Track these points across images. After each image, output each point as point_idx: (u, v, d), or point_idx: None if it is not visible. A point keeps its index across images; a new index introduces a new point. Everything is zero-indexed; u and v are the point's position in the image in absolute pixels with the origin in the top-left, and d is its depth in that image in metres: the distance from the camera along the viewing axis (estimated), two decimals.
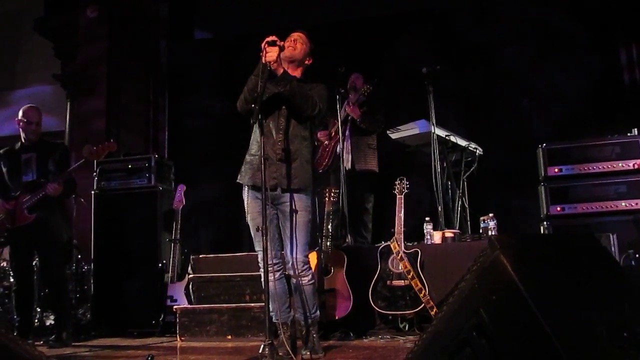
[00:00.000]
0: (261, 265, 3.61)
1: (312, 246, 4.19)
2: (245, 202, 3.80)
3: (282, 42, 3.67)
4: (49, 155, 5.20)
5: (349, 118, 5.90)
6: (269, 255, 3.59)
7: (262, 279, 3.50)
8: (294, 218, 3.73)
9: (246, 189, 3.81)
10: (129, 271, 5.85)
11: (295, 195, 3.74)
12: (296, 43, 3.83)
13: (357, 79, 6.04)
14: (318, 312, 3.92)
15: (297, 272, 3.76)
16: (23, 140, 5.27)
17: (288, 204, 3.74)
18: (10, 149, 5.31)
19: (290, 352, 3.59)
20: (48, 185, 4.95)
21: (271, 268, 3.67)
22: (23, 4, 9.33)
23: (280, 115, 3.75)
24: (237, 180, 3.86)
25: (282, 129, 3.73)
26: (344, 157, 5.75)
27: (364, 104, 5.96)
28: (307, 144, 3.83)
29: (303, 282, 3.79)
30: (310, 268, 3.87)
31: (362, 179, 6.04)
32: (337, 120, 5.78)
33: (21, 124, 5.22)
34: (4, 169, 5.22)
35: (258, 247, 3.70)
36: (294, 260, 3.75)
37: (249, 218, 3.78)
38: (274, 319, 3.76)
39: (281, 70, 3.60)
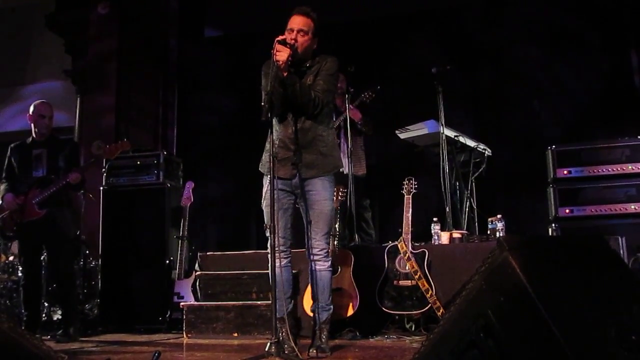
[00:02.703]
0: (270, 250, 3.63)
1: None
2: (264, 189, 3.80)
3: (293, 41, 3.65)
4: (60, 151, 5.21)
5: (342, 120, 5.82)
6: (279, 242, 3.60)
7: (269, 271, 3.51)
8: (317, 206, 3.76)
9: (267, 178, 3.77)
10: (136, 267, 5.87)
11: (318, 183, 3.76)
12: (297, 38, 3.71)
13: (342, 82, 5.91)
14: (332, 307, 3.91)
15: (316, 258, 3.78)
16: (34, 136, 5.29)
17: (312, 192, 3.76)
18: (22, 144, 5.33)
19: (295, 349, 3.59)
20: (70, 174, 4.97)
21: (278, 254, 3.67)
22: (34, 0, 9.37)
23: (292, 110, 3.75)
24: (259, 169, 3.88)
25: (295, 120, 3.74)
26: (342, 160, 5.73)
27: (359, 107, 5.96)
28: (323, 127, 3.81)
29: (321, 267, 3.80)
30: (329, 256, 3.87)
31: (358, 181, 6.02)
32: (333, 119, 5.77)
33: (33, 117, 5.24)
34: (15, 164, 5.25)
35: (268, 232, 3.70)
36: (315, 247, 3.77)
37: (264, 204, 3.76)
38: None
39: (285, 74, 3.58)
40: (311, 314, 4.15)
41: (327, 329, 3.84)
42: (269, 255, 3.50)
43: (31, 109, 5.27)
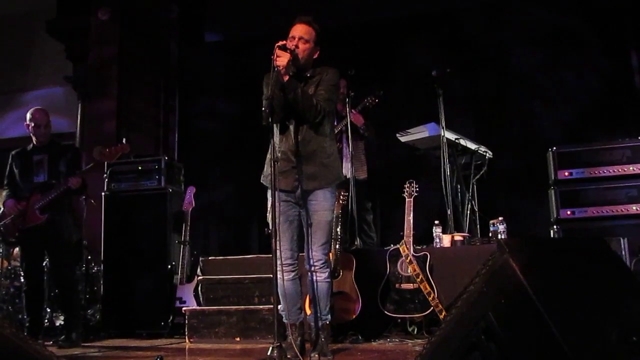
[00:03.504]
0: (277, 263, 3.64)
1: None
2: (269, 203, 3.74)
3: (294, 47, 3.65)
4: (61, 157, 5.23)
5: (344, 124, 5.81)
6: (285, 255, 3.63)
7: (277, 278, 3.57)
8: (317, 216, 3.75)
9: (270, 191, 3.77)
10: (138, 272, 5.86)
11: (319, 194, 3.75)
12: (299, 45, 3.71)
13: (343, 87, 5.87)
14: (330, 316, 3.91)
15: (314, 269, 3.77)
16: (35, 142, 5.30)
17: (312, 202, 3.75)
18: (23, 150, 5.34)
19: (298, 354, 3.60)
20: (70, 178, 4.98)
21: (286, 268, 3.68)
22: (35, 6, 9.40)
23: (294, 115, 3.73)
24: (261, 181, 3.86)
25: (296, 131, 3.73)
26: (344, 165, 5.74)
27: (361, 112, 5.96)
28: (325, 139, 3.80)
29: (319, 278, 3.78)
30: (328, 267, 3.86)
31: (360, 185, 6.01)
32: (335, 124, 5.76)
33: (29, 127, 5.26)
34: (16, 170, 5.26)
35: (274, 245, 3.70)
36: (313, 258, 3.76)
37: (269, 217, 3.71)
38: (284, 319, 3.77)
39: (287, 78, 3.58)
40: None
41: (324, 335, 3.84)
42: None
43: (27, 116, 5.27)
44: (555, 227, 5.01)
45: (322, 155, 3.77)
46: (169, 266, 5.82)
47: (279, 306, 3.69)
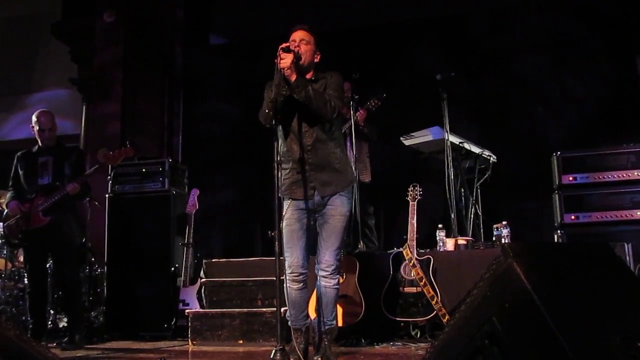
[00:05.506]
0: (288, 272, 3.67)
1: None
2: (284, 209, 3.74)
3: (298, 49, 3.65)
4: (65, 159, 5.23)
5: (348, 127, 5.81)
6: (297, 264, 3.65)
7: (285, 285, 3.65)
8: (333, 221, 3.73)
9: (288, 200, 3.76)
10: (142, 275, 5.86)
11: (336, 199, 3.73)
12: (301, 46, 3.70)
13: (347, 90, 5.87)
14: (335, 322, 3.90)
15: (325, 274, 3.75)
16: (40, 144, 5.31)
17: (329, 207, 3.73)
18: (28, 152, 5.35)
19: (301, 357, 3.59)
20: (68, 184, 4.99)
21: (297, 278, 3.68)
22: (41, 8, 9.44)
23: (302, 121, 3.70)
24: (279, 195, 3.78)
25: (307, 136, 3.70)
26: None
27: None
28: (335, 144, 3.78)
29: (328, 284, 3.76)
30: (339, 273, 3.84)
31: (364, 187, 6.01)
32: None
33: (34, 130, 5.27)
34: (21, 172, 5.27)
35: (287, 252, 3.69)
36: (323, 262, 3.74)
37: (284, 224, 3.71)
38: (289, 323, 3.77)
39: (294, 77, 3.55)
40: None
41: (328, 339, 3.83)
42: (285, 277, 3.64)
43: (33, 119, 5.27)
44: (559, 231, 5.00)
45: (335, 161, 3.75)
46: (173, 268, 5.83)
47: (283, 309, 3.68)
